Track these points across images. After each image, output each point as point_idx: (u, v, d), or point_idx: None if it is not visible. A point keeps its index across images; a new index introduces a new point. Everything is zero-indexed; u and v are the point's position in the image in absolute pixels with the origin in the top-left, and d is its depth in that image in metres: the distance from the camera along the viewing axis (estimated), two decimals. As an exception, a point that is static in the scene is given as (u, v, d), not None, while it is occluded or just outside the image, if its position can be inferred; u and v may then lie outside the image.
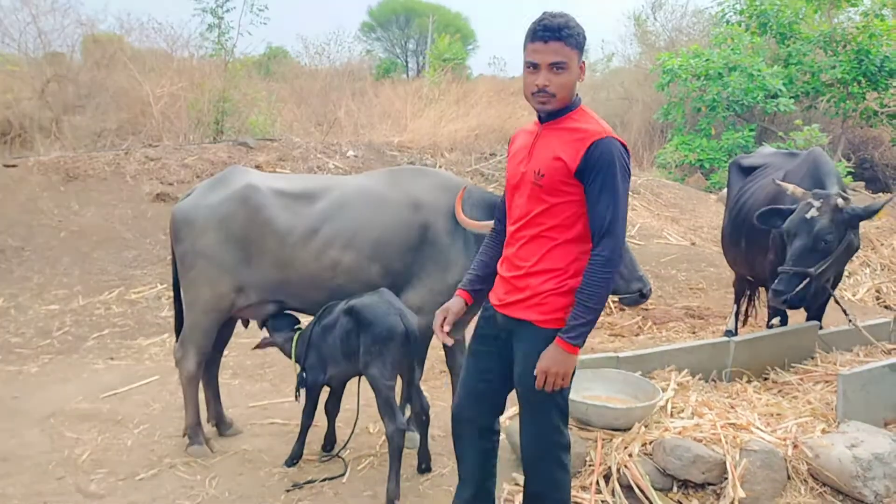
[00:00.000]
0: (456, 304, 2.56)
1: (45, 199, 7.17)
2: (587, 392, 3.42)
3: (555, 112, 2.31)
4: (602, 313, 2.91)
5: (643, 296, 3.13)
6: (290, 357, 3.51)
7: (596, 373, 3.54)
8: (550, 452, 2.42)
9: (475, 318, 3.85)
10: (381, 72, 20.17)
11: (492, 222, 3.37)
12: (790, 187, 4.08)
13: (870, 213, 3.90)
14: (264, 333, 3.66)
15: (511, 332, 2.42)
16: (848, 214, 3.83)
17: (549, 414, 2.39)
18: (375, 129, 10.51)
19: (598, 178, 2.18)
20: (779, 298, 3.81)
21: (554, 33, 2.19)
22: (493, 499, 2.72)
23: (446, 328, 2.52)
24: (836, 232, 3.80)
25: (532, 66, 2.25)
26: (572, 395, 3.27)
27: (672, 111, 12.51)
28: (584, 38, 2.26)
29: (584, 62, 2.31)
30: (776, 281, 3.87)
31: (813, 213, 3.82)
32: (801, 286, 3.77)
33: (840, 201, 3.84)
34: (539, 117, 2.38)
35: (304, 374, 3.43)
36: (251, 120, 9.88)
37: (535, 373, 2.27)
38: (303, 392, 3.50)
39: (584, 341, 2.26)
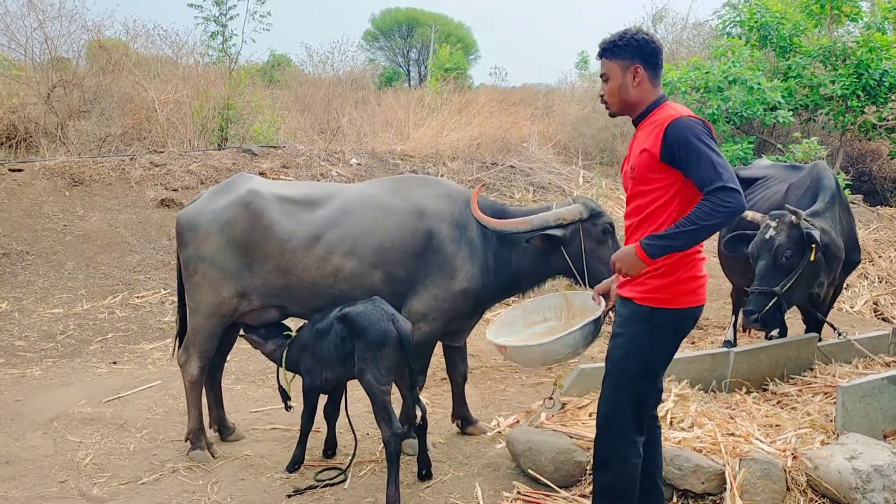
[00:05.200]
0: None
1: (50, 204, 7.22)
2: (531, 331, 3.20)
3: (639, 114, 2.59)
4: (603, 323, 2.89)
5: None
6: (278, 363, 3.55)
7: (541, 303, 3.29)
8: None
9: (476, 324, 3.89)
10: (383, 81, 20.29)
11: (502, 220, 3.44)
12: (749, 214, 4.21)
13: (815, 242, 3.79)
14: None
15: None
16: (805, 230, 3.85)
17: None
18: (378, 138, 10.55)
19: (681, 150, 2.36)
20: (750, 318, 3.90)
21: (600, 52, 2.62)
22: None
23: None
24: (794, 247, 3.87)
25: (601, 78, 2.65)
26: (502, 340, 3.06)
27: (672, 123, 12.57)
28: (634, 48, 2.53)
29: (636, 67, 2.53)
30: (747, 301, 3.97)
31: (771, 232, 3.93)
32: (770, 305, 3.85)
33: (793, 218, 3.91)
34: (633, 121, 2.64)
35: (282, 384, 3.56)
36: (255, 127, 9.92)
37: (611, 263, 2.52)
38: (293, 402, 3.54)
39: (657, 254, 2.37)
